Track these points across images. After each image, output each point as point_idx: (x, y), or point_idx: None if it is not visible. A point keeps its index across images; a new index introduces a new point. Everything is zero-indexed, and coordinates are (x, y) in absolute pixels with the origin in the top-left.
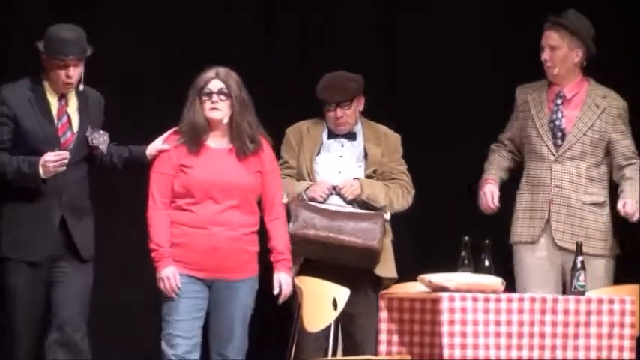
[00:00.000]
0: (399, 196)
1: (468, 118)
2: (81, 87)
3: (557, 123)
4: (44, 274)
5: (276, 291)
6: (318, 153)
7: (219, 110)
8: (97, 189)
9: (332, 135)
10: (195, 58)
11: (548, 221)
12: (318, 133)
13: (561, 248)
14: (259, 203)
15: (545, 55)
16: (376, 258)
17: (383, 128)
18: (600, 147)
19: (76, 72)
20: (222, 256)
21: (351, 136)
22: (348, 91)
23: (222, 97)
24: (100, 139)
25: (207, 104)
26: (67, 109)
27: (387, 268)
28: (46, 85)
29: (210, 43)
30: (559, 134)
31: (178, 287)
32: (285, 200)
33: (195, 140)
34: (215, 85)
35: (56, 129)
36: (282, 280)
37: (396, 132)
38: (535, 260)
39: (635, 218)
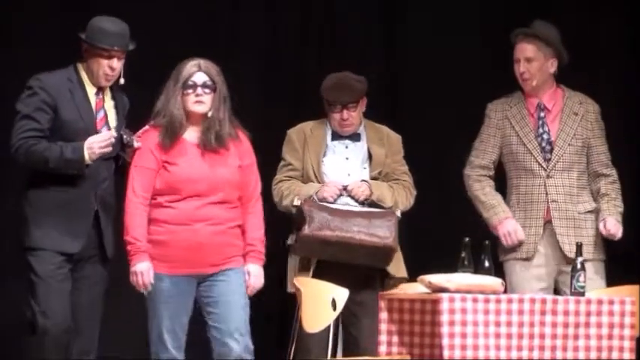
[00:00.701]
0: (402, 197)
1: (467, 118)
2: (122, 81)
3: (544, 137)
4: (71, 266)
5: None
6: (324, 155)
7: (203, 103)
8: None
9: (336, 136)
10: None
11: (542, 236)
12: (322, 135)
13: (567, 258)
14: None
15: (521, 68)
16: (391, 256)
17: (385, 129)
18: (584, 154)
19: (118, 65)
20: (208, 251)
21: (355, 137)
22: (355, 92)
23: (207, 90)
24: (129, 140)
25: (192, 97)
26: (104, 105)
27: (398, 267)
28: (84, 76)
29: (211, 44)
30: (547, 148)
31: (151, 284)
32: (296, 202)
33: (173, 134)
34: (200, 78)
35: (95, 121)
36: (250, 272)
37: (395, 132)
38: (532, 274)
39: (618, 236)
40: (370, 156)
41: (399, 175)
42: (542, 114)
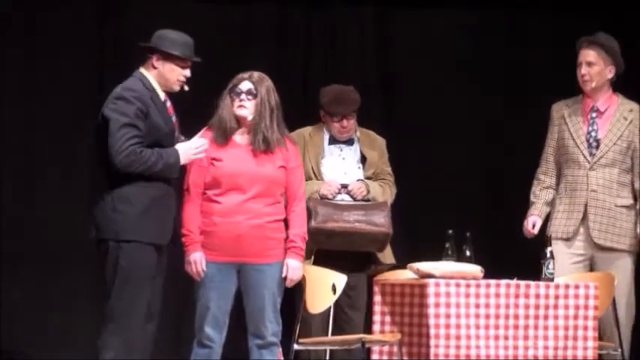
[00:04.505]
0: (388, 194)
1: (460, 119)
2: (186, 87)
3: (592, 134)
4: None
5: (283, 274)
6: (323, 157)
7: (245, 108)
8: None
9: (332, 141)
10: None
11: (582, 220)
12: (320, 139)
13: (595, 244)
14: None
15: (583, 70)
16: (387, 241)
17: (372, 133)
18: (628, 155)
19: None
20: (246, 243)
21: (349, 141)
22: (355, 103)
23: (250, 97)
24: (184, 140)
25: (236, 102)
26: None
27: (388, 254)
28: (154, 84)
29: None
30: (594, 144)
31: (203, 271)
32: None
33: (223, 135)
34: (245, 85)
35: (173, 123)
36: (289, 265)
37: (392, 130)
38: (569, 253)
39: None
40: (364, 158)
41: (384, 175)
42: (593, 114)
